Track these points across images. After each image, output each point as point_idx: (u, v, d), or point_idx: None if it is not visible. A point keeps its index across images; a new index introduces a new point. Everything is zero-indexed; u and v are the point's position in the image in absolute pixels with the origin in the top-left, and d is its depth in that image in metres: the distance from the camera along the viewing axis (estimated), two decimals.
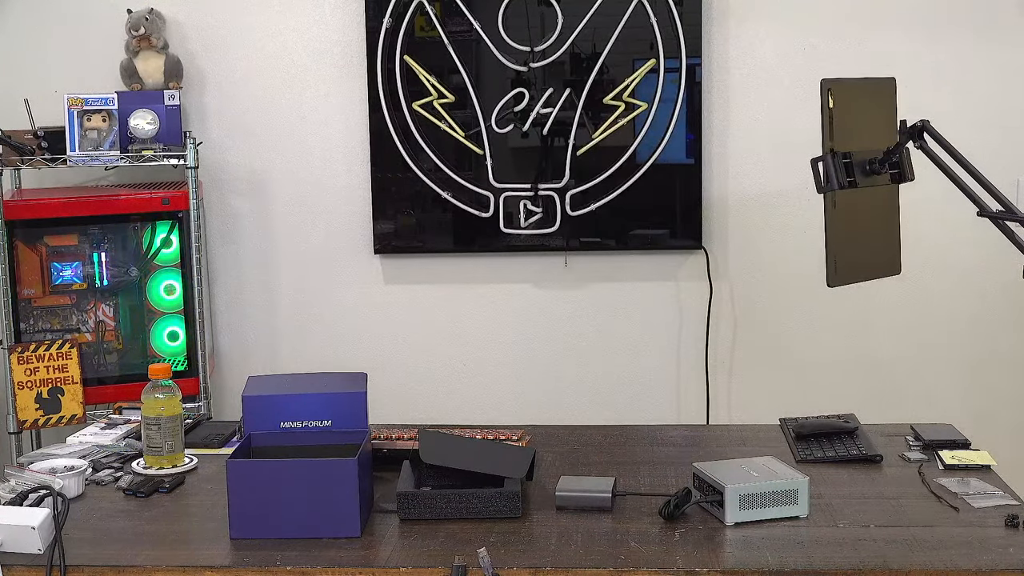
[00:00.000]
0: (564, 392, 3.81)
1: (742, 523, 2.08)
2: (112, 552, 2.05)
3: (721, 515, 2.10)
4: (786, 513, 2.11)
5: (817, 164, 2.22)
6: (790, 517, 2.11)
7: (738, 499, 2.09)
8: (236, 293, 3.87)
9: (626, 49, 3.64)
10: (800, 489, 2.12)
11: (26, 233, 3.48)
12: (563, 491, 2.21)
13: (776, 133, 3.66)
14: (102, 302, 3.57)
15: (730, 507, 2.08)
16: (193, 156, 3.46)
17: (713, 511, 2.13)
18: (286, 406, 2.28)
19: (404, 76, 3.67)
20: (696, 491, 2.16)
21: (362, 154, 3.76)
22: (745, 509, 2.09)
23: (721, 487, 2.09)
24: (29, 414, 3.43)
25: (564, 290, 3.81)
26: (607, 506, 2.18)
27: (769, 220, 3.73)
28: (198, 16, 3.75)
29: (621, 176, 3.68)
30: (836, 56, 3.60)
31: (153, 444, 2.43)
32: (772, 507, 2.11)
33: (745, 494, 2.09)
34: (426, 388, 3.84)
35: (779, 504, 2.11)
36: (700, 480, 2.17)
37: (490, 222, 3.72)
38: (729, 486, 2.08)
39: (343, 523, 2.07)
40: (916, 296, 3.66)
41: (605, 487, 2.21)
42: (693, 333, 3.76)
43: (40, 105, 3.51)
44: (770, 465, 2.20)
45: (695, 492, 2.16)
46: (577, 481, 2.26)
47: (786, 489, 2.11)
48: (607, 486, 2.22)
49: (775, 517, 2.11)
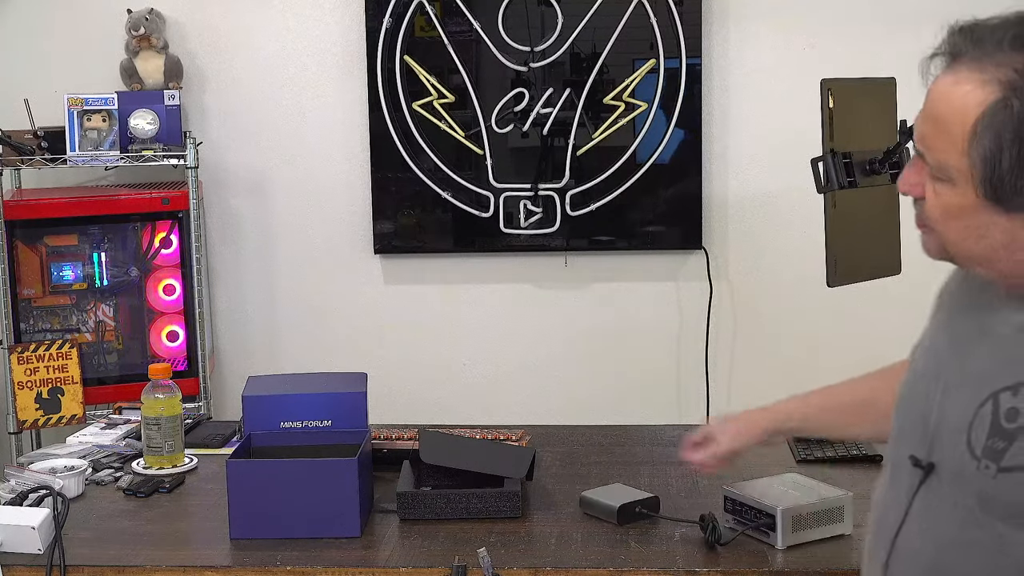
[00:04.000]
0: (564, 392, 3.81)
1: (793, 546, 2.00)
2: (112, 552, 2.05)
3: (771, 539, 2.00)
4: (833, 532, 2.03)
5: (817, 164, 2.22)
6: (837, 536, 2.03)
7: (791, 521, 1.99)
8: (236, 293, 3.87)
9: (626, 49, 3.64)
10: (846, 506, 2.05)
11: (26, 233, 3.48)
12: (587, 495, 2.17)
13: (776, 133, 3.66)
14: (102, 302, 3.57)
15: (783, 530, 1.98)
16: (193, 156, 3.46)
17: (758, 536, 2.02)
18: (286, 406, 2.27)
19: (404, 76, 3.67)
20: (729, 515, 2.07)
21: (362, 154, 3.76)
22: (797, 531, 2.00)
23: (773, 510, 1.99)
24: (29, 414, 3.43)
25: (564, 290, 3.81)
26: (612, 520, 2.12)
27: (769, 220, 3.73)
28: (198, 16, 3.75)
29: (621, 176, 3.68)
30: (836, 56, 3.60)
31: (153, 444, 2.43)
32: (820, 527, 2.02)
33: (798, 516, 2.00)
34: (426, 388, 3.84)
35: (827, 523, 2.03)
36: (735, 503, 2.07)
37: (490, 222, 3.72)
38: (781, 508, 1.99)
39: (343, 523, 2.07)
40: (916, 296, 3.66)
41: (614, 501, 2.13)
42: (693, 333, 3.76)
43: (40, 105, 3.51)
44: (801, 482, 2.12)
45: (727, 516, 2.07)
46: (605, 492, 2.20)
47: (834, 507, 2.04)
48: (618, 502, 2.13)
49: (824, 537, 2.02)
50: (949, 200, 1.37)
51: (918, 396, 1.48)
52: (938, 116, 1.36)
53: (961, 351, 1.44)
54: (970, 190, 1.34)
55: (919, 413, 1.46)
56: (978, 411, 1.37)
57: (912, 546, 1.44)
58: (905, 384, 1.54)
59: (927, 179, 1.39)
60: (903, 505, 1.45)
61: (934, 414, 1.43)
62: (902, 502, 1.45)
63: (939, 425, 1.42)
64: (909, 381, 1.53)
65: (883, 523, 1.49)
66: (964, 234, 1.38)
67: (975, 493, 1.36)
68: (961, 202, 1.36)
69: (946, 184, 1.37)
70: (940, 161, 1.36)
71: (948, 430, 1.41)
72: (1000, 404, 1.35)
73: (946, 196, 1.37)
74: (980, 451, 1.35)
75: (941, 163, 1.36)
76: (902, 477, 1.47)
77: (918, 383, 1.50)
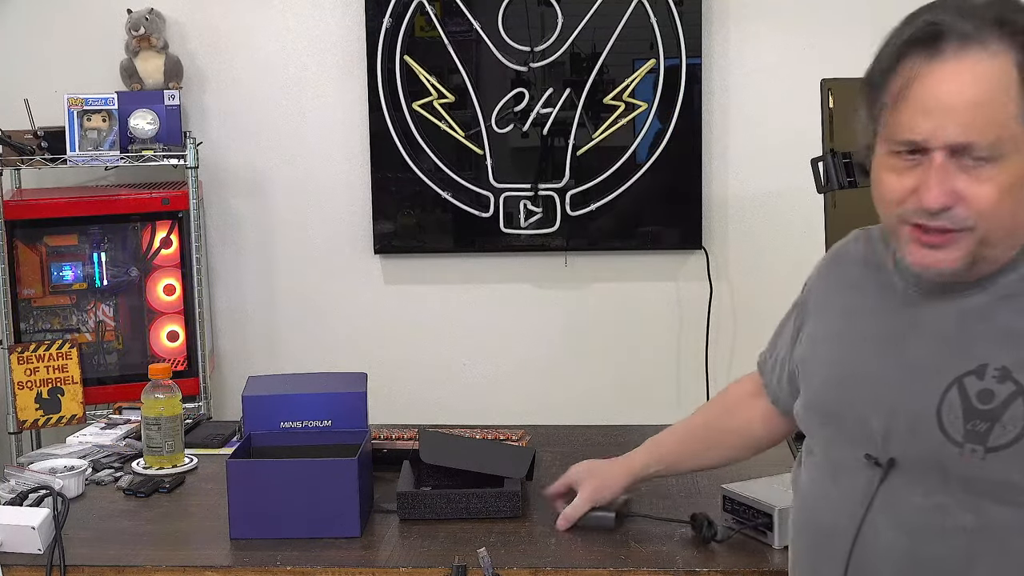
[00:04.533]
0: (564, 392, 3.81)
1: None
2: (112, 552, 2.05)
3: (768, 539, 1.99)
4: None
5: (817, 164, 2.22)
6: None
7: (788, 521, 1.95)
8: (236, 293, 3.87)
9: (626, 49, 3.64)
10: None
11: (26, 233, 3.48)
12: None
13: (776, 133, 3.66)
14: (102, 302, 3.57)
15: (780, 529, 1.97)
16: (193, 156, 3.46)
17: (756, 535, 2.02)
18: (286, 406, 2.27)
19: (404, 76, 3.67)
20: (728, 515, 2.07)
21: (362, 154, 3.76)
22: None
23: (770, 509, 1.99)
24: (29, 414, 3.43)
25: (564, 290, 3.81)
26: (610, 525, 2.10)
27: (769, 220, 3.73)
28: (198, 16, 3.75)
29: (621, 176, 3.68)
30: (836, 56, 3.59)
31: (153, 444, 2.43)
32: None
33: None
34: (426, 388, 3.84)
35: None
36: (734, 503, 2.06)
37: (490, 222, 3.72)
38: (779, 507, 1.97)
39: (343, 523, 2.07)
40: None
41: (608, 507, 2.12)
42: (693, 333, 3.76)
43: (40, 105, 3.51)
44: None
45: (726, 516, 2.06)
46: None
47: None
48: (611, 506, 2.12)
49: None
50: (1002, 178, 1.36)
51: (848, 401, 1.51)
52: (977, 100, 1.35)
53: (892, 350, 1.47)
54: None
55: (855, 416, 1.49)
56: (943, 400, 1.40)
57: (881, 541, 1.46)
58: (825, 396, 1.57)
59: (960, 178, 1.37)
60: (860, 503, 1.47)
61: (879, 413, 1.46)
62: (857, 501, 1.47)
63: (890, 421, 1.45)
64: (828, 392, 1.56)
65: (835, 526, 1.50)
66: (1017, 206, 1.38)
67: (959, 478, 1.39)
68: (1017, 171, 1.37)
69: (994, 165, 1.36)
70: (993, 140, 1.35)
71: (907, 425, 1.43)
72: (967, 388, 1.39)
73: (998, 177, 1.36)
74: (961, 436, 1.39)
75: (994, 142, 1.35)
76: (850, 477, 1.49)
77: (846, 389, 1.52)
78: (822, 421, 1.57)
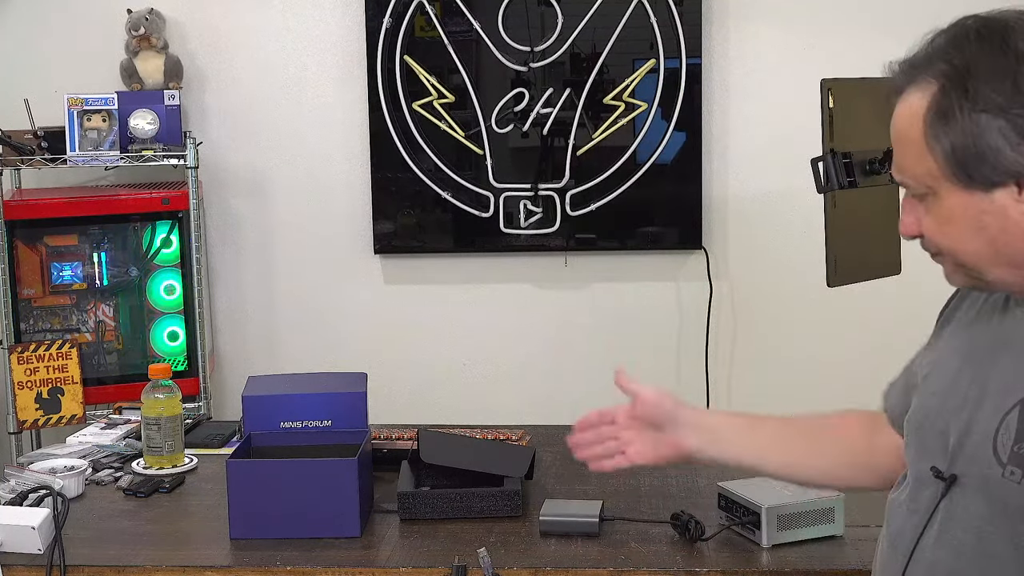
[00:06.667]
0: (564, 392, 3.80)
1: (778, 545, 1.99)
2: (112, 552, 2.05)
3: (757, 537, 2.00)
4: (823, 532, 2.02)
5: (817, 164, 2.22)
6: (827, 537, 2.03)
7: (776, 519, 1.99)
8: (236, 293, 3.87)
9: (626, 49, 3.64)
10: (836, 507, 2.03)
11: (26, 233, 3.48)
12: (547, 516, 2.10)
13: (776, 133, 3.66)
14: (102, 302, 3.57)
15: (767, 528, 1.99)
16: (193, 156, 3.46)
17: (746, 533, 2.03)
18: (286, 406, 2.27)
19: (404, 76, 3.67)
20: (723, 512, 2.07)
21: (362, 154, 3.76)
22: (783, 530, 2.00)
23: (758, 507, 1.99)
24: (29, 414, 3.43)
25: (564, 290, 3.81)
26: (594, 531, 2.07)
27: (769, 220, 3.73)
28: (198, 16, 3.75)
29: (621, 176, 3.68)
30: (836, 56, 3.60)
31: (153, 444, 2.43)
32: (809, 527, 2.02)
33: (783, 514, 2.00)
34: (426, 388, 3.84)
35: (816, 523, 2.02)
36: (728, 501, 2.07)
37: (490, 222, 3.72)
38: (766, 506, 1.98)
39: (343, 523, 2.07)
40: (916, 296, 3.65)
41: (592, 512, 2.10)
42: (693, 333, 3.76)
43: (40, 105, 3.51)
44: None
45: (721, 513, 2.06)
46: (563, 505, 2.16)
47: (824, 508, 2.02)
48: (594, 510, 2.11)
49: (813, 537, 2.02)
50: (938, 210, 1.38)
51: (936, 412, 1.48)
52: (897, 136, 1.40)
53: (980, 365, 1.44)
54: (948, 186, 1.35)
55: (938, 429, 1.46)
56: (1004, 419, 1.37)
57: (930, 556, 1.44)
58: (920, 406, 1.54)
59: (918, 211, 1.40)
60: (923, 517, 1.45)
61: (955, 428, 1.43)
62: (922, 514, 1.46)
63: (962, 438, 1.42)
64: (923, 402, 1.53)
65: (901, 535, 1.50)
66: (963, 236, 1.38)
67: (1000, 499, 1.36)
68: (947, 203, 1.37)
69: (932, 199, 1.38)
70: (916, 176, 1.38)
71: (973, 442, 1.41)
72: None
73: (935, 208, 1.38)
74: (1006, 457, 1.36)
75: (918, 178, 1.38)
76: (923, 490, 1.47)
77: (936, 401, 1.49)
78: (911, 429, 1.54)
